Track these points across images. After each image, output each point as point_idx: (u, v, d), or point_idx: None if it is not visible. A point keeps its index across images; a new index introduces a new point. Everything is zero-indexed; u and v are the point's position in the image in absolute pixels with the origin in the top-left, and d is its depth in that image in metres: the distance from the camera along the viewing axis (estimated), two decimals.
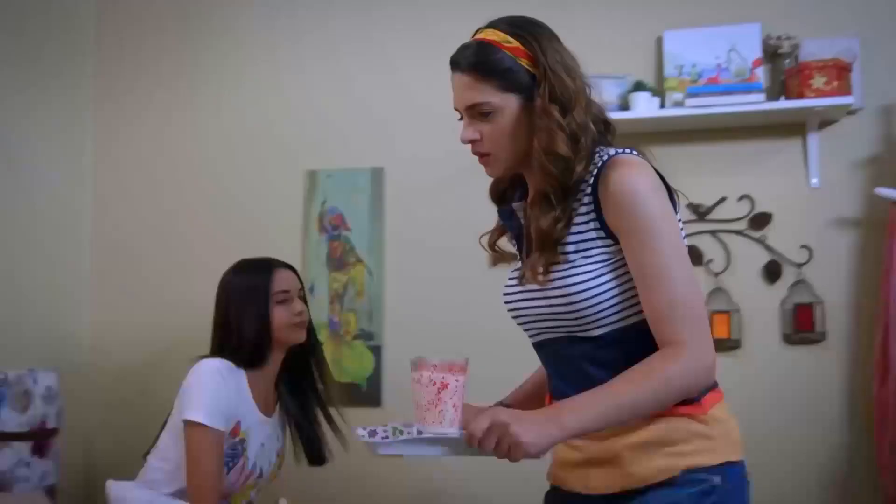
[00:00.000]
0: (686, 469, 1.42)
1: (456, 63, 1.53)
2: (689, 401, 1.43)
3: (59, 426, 2.86)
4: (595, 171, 1.45)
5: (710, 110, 2.68)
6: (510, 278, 1.62)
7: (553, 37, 1.53)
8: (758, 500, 2.63)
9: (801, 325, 2.68)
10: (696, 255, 2.79)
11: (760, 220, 2.77)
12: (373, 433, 1.52)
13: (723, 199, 2.80)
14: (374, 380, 3.03)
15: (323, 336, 3.06)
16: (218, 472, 2.15)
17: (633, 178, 1.41)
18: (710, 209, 2.81)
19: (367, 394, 3.03)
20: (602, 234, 1.44)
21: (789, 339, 2.71)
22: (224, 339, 2.28)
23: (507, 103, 1.48)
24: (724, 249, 2.79)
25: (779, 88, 2.76)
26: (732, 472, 1.47)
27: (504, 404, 1.75)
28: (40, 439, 2.76)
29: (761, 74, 2.73)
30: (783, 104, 2.67)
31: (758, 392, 2.71)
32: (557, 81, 1.47)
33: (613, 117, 2.61)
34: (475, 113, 1.51)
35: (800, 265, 2.72)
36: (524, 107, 1.49)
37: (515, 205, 1.59)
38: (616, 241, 1.44)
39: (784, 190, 2.77)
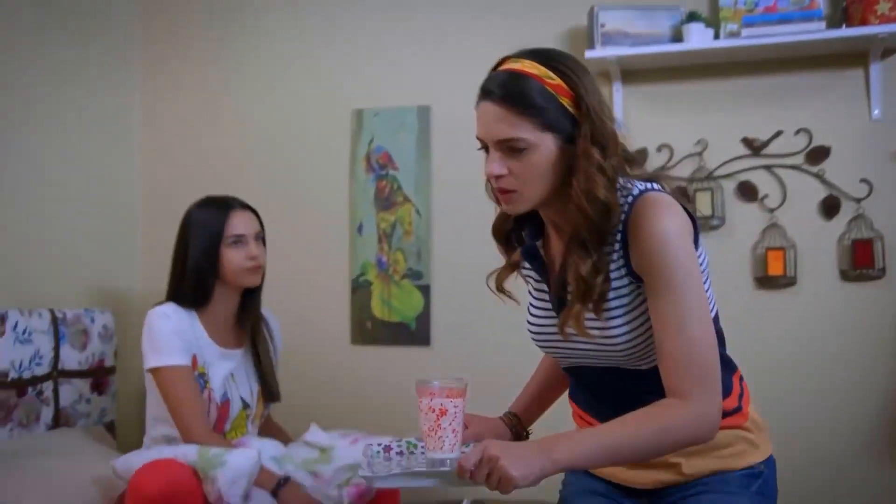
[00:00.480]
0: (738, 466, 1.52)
1: (489, 93, 1.45)
2: (733, 410, 1.50)
3: (116, 365, 2.94)
4: (623, 216, 1.42)
5: (767, 40, 2.59)
6: (534, 314, 1.60)
7: (589, 73, 1.46)
8: (814, 435, 2.63)
9: (860, 261, 2.61)
10: (750, 191, 2.72)
11: (818, 154, 2.68)
12: (387, 448, 1.67)
13: (779, 133, 2.72)
14: (424, 319, 3.03)
15: (371, 275, 3.09)
16: (198, 403, 2.19)
17: (663, 223, 1.38)
18: (766, 143, 2.73)
19: (417, 333, 3.04)
20: (631, 277, 1.43)
21: (847, 276, 2.65)
22: (173, 276, 2.33)
23: (543, 142, 1.42)
24: (780, 184, 2.71)
25: (840, 16, 2.65)
26: (771, 460, 1.57)
27: (512, 413, 1.83)
28: (99, 377, 2.84)
29: (821, 1, 2.61)
30: (844, 32, 2.56)
31: (813, 330, 2.66)
32: (599, 123, 1.42)
33: (668, 50, 2.56)
34: (505, 147, 1.43)
35: (859, 200, 2.64)
36: (560, 147, 1.42)
37: (538, 244, 1.56)
38: (643, 282, 1.43)
39: (844, 122, 2.67)
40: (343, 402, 2.92)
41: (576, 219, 1.42)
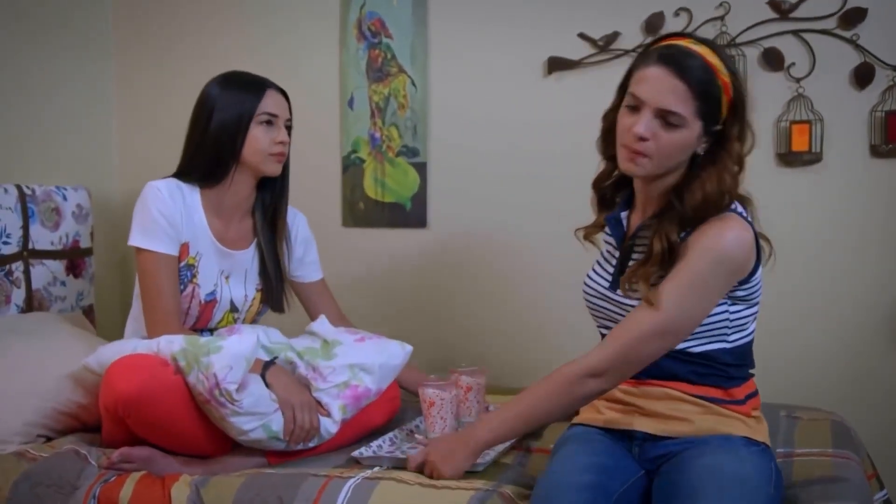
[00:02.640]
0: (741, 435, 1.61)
1: (671, 62, 1.54)
2: (735, 402, 1.62)
3: (93, 247, 2.77)
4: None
5: None
6: (596, 272, 1.76)
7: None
8: (837, 318, 2.47)
9: (893, 135, 2.39)
10: (776, 59, 2.48)
11: (853, 17, 2.43)
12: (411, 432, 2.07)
13: None
14: (420, 199, 2.84)
15: (364, 153, 2.89)
16: (171, 296, 2.03)
17: (722, 238, 1.54)
18: (795, 5, 2.47)
19: (413, 214, 2.85)
20: None
21: (877, 152, 2.44)
22: (184, 156, 2.12)
23: (693, 125, 1.55)
24: (809, 51, 2.47)
25: None
26: (770, 448, 1.65)
27: None
28: (74, 258, 2.67)
29: None
30: None
31: (839, 209, 2.47)
32: (746, 126, 1.59)
33: None
34: (662, 116, 1.54)
35: (895, 67, 2.41)
36: (699, 135, 1.57)
37: (623, 214, 1.70)
38: None
39: None
40: (335, 289, 2.75)
41: (693, 196, 1.56)
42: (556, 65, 2.68)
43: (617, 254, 1.72)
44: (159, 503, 1.74)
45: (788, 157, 2.50)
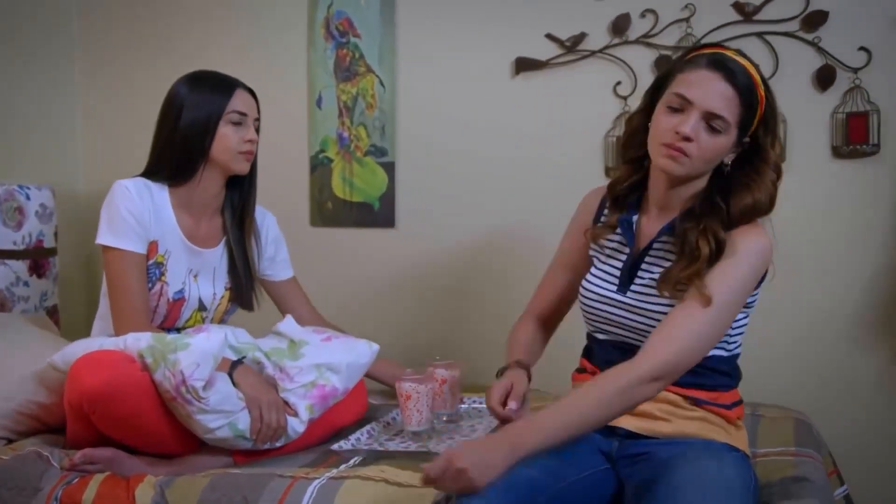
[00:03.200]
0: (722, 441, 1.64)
1: (723, 68, 1.58)
2: (722, 406, 1.66)
3: (57, 246, 2.74)
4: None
5: None
6: (596, 276, 1.75)
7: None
8: (798, 319, 2.49)
9: (854, 136, 2.44)
10: None
11: (815, 20, 2.46)
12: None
13: None
14: (388, 199, 2.85)
15: (332, 152, 2.88)
16: (139, 294, 2.03)
17: (760, 242, 1.62)
18: (759, 8, 2.50)
19: (381, 214, 2.86)
20: None
21: (839, 153, 2.48)
22: (152, 155, 2.12)
23: (732, 133, 1.60)
24: (772, 53, 2.51)
25: None
26: (748, 458, 1.69)
27: (523, 365, 1.88)
28: (37, 258, 2.64)
29: None
30: None
31: (803, 209, 2.49)
32: (776, 142, 1.67)
33: None
34: (708, 120, 1.58)
35: (856, 70, 2.44)
36: (732, 143, 1.61)
37: (633, 217, 1.73)
38: None
39: None
40: (303, 288, 2.76)
41: (741, 200, 1.62)
42: (524, 65, 2.70)
43: (623, 256, 1.74)
44: None
45: None
